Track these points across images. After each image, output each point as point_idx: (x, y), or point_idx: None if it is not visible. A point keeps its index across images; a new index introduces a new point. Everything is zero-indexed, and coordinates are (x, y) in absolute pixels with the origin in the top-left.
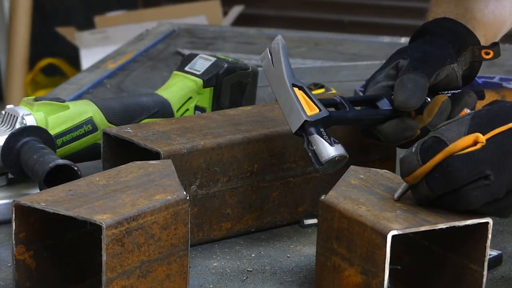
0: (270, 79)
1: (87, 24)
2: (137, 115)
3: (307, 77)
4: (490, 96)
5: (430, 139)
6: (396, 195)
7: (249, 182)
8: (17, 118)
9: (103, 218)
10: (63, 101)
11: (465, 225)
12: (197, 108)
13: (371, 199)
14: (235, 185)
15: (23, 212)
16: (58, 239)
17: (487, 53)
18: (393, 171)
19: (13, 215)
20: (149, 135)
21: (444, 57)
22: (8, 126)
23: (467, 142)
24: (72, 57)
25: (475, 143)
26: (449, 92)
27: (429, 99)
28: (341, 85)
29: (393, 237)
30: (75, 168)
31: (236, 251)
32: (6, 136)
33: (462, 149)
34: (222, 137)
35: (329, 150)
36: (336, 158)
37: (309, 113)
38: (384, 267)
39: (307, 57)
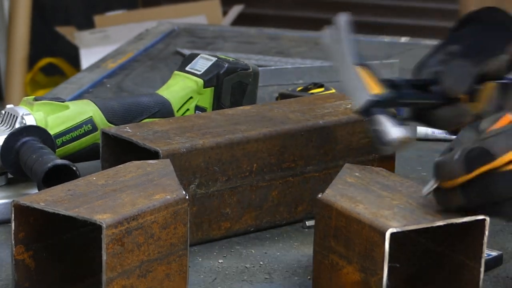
0: (333, 56)
1: (87, 24)
2: (137, 115)
3: (306, 77)
4: None
5: (477, 149)
6: (424, 191)
7: (248, 181)
8: (16, 117)
9: (103, 218)
10: (63, 101)
11: (463, 222)
12: (197, 108)
13: (368, 197)
14: (234, 184)
15: (23, 212)
16: (57, 238)
17: None
18: (392, 170)
19: (13, 215)
20: (148, 134)
21: (496, 47)
22: (8, 126)
23: None
24: (72, 56)
25: None
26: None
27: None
28: (340, 85)
29: (391, 234)
30: (74, 168)
31: (236, 251)
32: (5, 136)
33: (508, 163)
34: (221, 136)
35: (395, 131)
36: (401, 139)
37: (372, 92)
38: (383, 265)
39: (307, 57)
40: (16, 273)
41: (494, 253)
